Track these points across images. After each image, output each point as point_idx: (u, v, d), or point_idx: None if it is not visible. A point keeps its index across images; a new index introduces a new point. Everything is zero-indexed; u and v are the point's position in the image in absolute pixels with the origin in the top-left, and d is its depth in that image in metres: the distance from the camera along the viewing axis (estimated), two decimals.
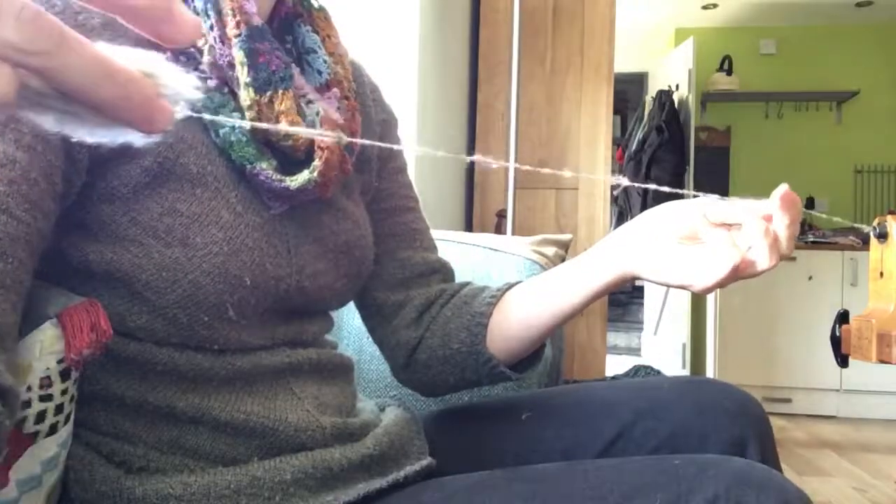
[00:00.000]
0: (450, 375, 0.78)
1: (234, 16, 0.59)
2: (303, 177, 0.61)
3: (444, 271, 0.83)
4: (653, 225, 0.68)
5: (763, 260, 0.61)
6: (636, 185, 0.67)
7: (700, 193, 0.65)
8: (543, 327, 0.74)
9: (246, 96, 0.58)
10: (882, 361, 0.67)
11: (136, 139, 0.27)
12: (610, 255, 0.70)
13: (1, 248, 0.45)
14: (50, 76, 0.23)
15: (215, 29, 0.58)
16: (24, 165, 0.47)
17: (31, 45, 0.22)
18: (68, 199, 0.54)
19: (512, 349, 0.75)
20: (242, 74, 0.58)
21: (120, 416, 0.57)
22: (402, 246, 0.80)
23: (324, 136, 0.62)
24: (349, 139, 0.39)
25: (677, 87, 4.37)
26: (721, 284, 0.63)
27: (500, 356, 0.75)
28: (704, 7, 4.47)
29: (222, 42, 0.58)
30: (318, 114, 0.63)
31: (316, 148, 0.62)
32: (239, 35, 0.58)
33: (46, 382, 0.50)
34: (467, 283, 0.81)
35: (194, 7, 0.59)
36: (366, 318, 0.83)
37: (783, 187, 0.62)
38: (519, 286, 0.77)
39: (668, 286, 0.67)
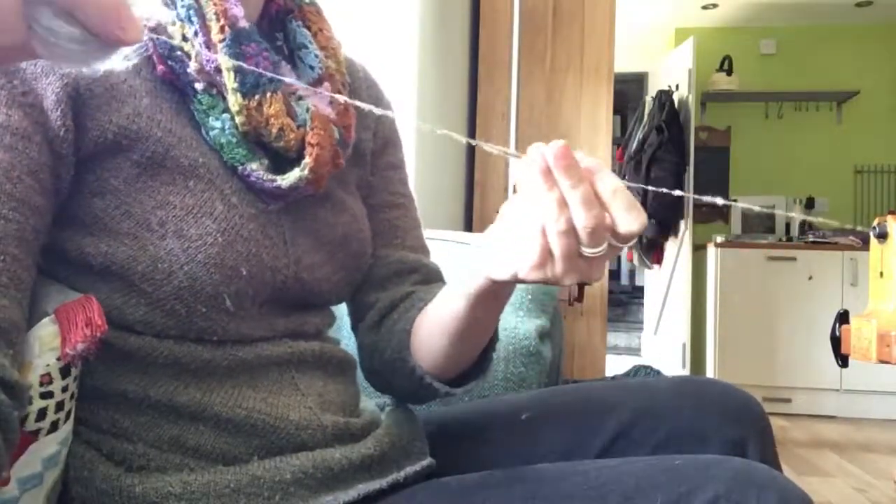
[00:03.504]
0: (396, 385, 0.74)
1: (219, 20, 0.59)
2: (293, 175, 0.61)
3: (423, 271, 0.79)
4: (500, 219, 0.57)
5: (554, 220, 0.49)
6: (635, 185, 0.66)
7: (701, 195, 0.60)
8: (445, 336, 0.66)
9: (234, 101, 0.58)
10: (882, 361, 0.67)
11: (117, 63, 0.29)
12: (474, 258, 0.62)
13: None
14: None
15: (200, 35, 0.58)
16: (5, 165, 0.49)
17: None
18: (60, 193, 0.54)
19: (437, 360, 0.69)
20: (229, 80, 0.58)
21: (120, 414, 0.57)
22: (380, 243, 0.77)
23: (322, 93, 0.61)
24: (349, 99, 0.39)
25: (677, 87, 4.37)
26: (542, 262, 0.51)
27: (431, 367, 0.70)
28: (704, 7, 4.47)
29: (208, 47, 0.58)
30: (308, 110, 0.63)
31: (306, 144, 0.62)
32: (224, 40, 0.58)
33: (46, 380, 0.50)
34: (438, 285, 0.76)
35: (177, 14, 0.59)
36: (350, 317, 0.81)
37: (557, 142, 0.50)
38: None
39: (512, 281, 0.55)
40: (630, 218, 0.49)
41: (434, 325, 0.67)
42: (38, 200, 0.51)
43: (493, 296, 0.62)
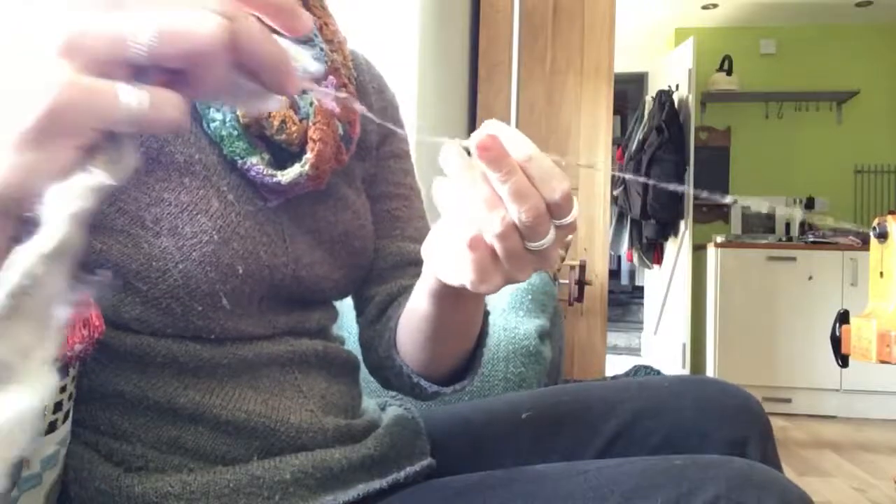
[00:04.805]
0: (392, 382, 0.74)
1: None
2: (294, 171, 0.60)
3: (422, 263, 0.77)
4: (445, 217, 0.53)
5: (488, 222, 0.44)
6: (635, 177, 0.65)
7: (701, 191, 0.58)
8: (421, 334, 0.65)
9: None
10: (882, 361, 0.67)
11: (272, 104, 0.35)
12: (424, 254, 0.58)
13: None
14: (243, 33, 0.31)
15: None
16: None
17: None
18: None
19: (419, 359, 0.68)
20: None
21: (118, 415, 0.57)
22: (380, 234, 0.76)
23: (330, 95, 0.61)
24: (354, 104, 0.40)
25: (677, 87, 4.37)
26: (483, 276, 0.47)
27: (416, 365, 0.69)
28: (704, 7, 4.47)
29: None
30: (311, 104, 0.62)
31: (308, 139, 0.61)
32: None
33: None
34: None
35: None
36: (355, 311, 0.80)
37: (482, 129, 0.43)
38: None
39: (458, 287, 0.51)
40: (549, 188, 0.43)
41: (411, 323, 0.66)
42: None
43: (455, 295, 0.57)
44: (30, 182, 0.29)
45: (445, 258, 0.51)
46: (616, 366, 3.44)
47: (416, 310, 0.63)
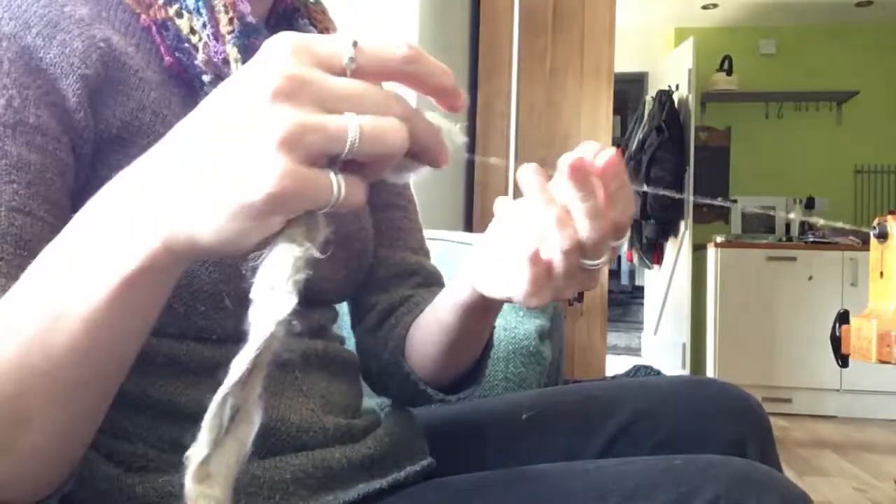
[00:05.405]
0: (392, 389, 0.76)
1: (227, 12, 0.59)
2: None
3: (423, 274, 0.79)
4: (495, 231, 0.58)
5: (555, 240, 0.49)
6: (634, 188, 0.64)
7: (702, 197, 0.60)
8: (437, 345, 0.68)
9: None
10: (882, 361, 0.66)
11: (421, 173, 0.39)
12: (466, 267, 0.64)
13: (30, 250, 0.45)
14: (415, 122, 0.35)
15: (208, 26, 0.58)
16: (38, 167, 0.49)
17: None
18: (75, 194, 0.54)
19: (430, 367, 0.71)
20: (237, 71, 0.58)
21: (119, 414, 0.57)
22: (382, 244, 0.78)
23: None
24: None
25: (677, 87, 4.37)
26: (536, 290, 0.51)
27: (425, 373, 0.72)
28: (704, 7, 4.48)
29: (216, 39, 0.58)
30: None
31: None
32: (232, 31, 0.58)
33: None
34: (437, 289, 0.77)
35: (186, 5, 0.59)
36: (350, 317, 0.82)
37: (569, 157, 0.48)
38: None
39: (502, 300, 0.56)
40: (620, 210, 0.50)
41: (426, 334, 0.68)
42: (65, 202, 0.51)
43: (484, 309, 0.62)
44: (235, 244, 0.35)
45: (496, 272, 0.55)
46: (616, 366, 3.44)
47: (437, 322, 0.66)
